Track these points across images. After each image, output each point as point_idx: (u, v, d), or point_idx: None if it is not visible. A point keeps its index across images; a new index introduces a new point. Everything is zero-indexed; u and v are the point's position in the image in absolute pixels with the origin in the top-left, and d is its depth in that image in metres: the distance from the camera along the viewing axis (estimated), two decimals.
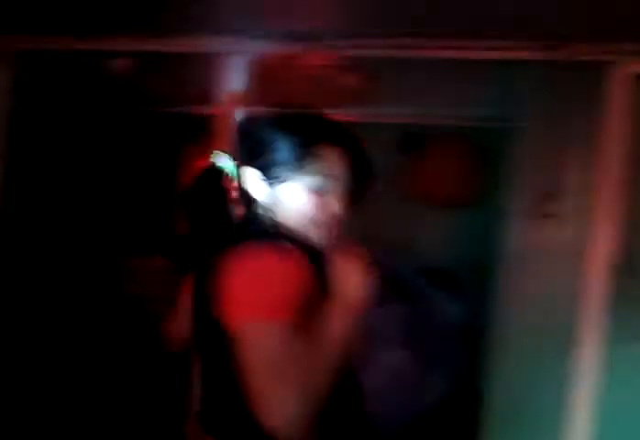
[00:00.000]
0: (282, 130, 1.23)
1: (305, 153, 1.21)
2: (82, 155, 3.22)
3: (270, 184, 1.23)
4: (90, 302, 3.15)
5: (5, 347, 2.64)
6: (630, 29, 2.16)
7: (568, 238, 2.41)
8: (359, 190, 1.28)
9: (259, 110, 3.44)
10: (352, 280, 1.18)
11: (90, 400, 2.96)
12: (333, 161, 1.22)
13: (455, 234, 4.16)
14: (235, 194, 1.29)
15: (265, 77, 2.76)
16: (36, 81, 2.80)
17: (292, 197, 1.22)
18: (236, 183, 1.28)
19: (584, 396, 2.40)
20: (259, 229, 1.23)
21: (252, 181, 1.24)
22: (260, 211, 1.25)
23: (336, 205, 1.24)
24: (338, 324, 1.15)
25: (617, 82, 2.34)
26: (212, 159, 1.32)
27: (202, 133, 2.69)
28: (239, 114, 2.67)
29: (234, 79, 2.61)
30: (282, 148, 1.21)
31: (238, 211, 1.30)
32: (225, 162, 1.30)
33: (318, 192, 1.21)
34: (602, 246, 2.38)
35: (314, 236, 1.23)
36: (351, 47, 2.53)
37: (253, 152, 1.24)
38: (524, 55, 2.38)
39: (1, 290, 2.61)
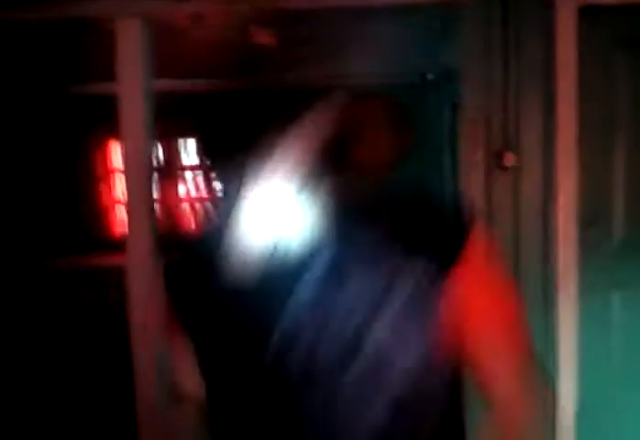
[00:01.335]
0: None
1: None
2: None
3: None
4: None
5: None
6: None
7: (529, 191, 2.25)
8: None
9: (170, 83, 3.12)
10: None
11: None
12: None
13: None
14: None
15: (165, 45, 2.41)
16: None
17: None
18: None
19: (567, 347, 2.29)
20: None
21: None
22: None
23: None
24: None
25: (563, 17, 2.16)
26: None
27: (110, 113, 2.31)
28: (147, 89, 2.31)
29: (135, 49, 2.23)
30: None
31: None
32: None
33: None
34: (565, 197, 2.23)
35: None
36: None
37: None
38: None
39: None
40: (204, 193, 4.61)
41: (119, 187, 4.32)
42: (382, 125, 1.30)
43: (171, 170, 4.43)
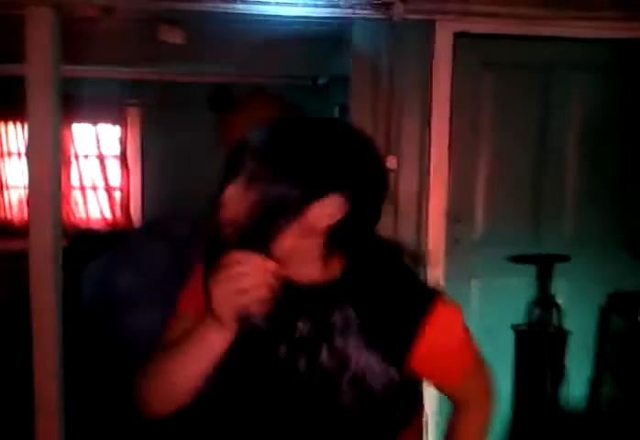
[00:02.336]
0: None
1: None
2: None
3: None
4: None
5: None
6: None
7: (406, 190, 2.56)
8: None
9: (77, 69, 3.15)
10: None
11: None
12: None
13: None
14: None
15: (79, 32, 2.48)
16: None
17: None
18: None
19: None
20: None
21: None
22: None
23: None
24: None
25: (440, 41, 2.49)
26: None
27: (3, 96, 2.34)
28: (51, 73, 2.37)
29: (45, 35, 2.29)
30: None
31: None
32: None
33: None
34: (436, 196, 2.57)
35: None
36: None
37: None
38: (350, 13, 2.41)
39: None
40: (97, 182, 4.61)
41: (14, 170, 4.25)
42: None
43: (65, 156, 4.39)
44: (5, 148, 4.31)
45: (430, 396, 1.34)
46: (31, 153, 2.39)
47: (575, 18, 2.47)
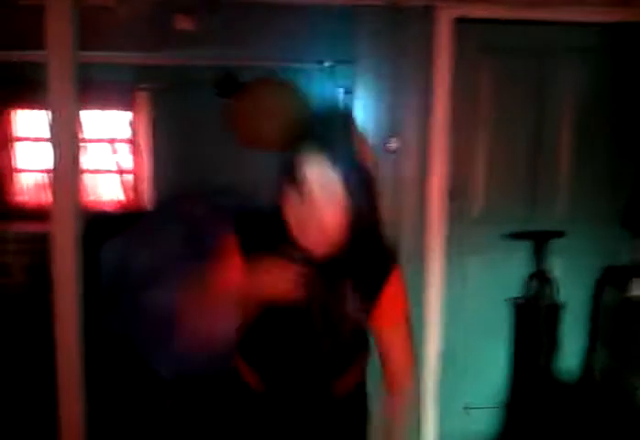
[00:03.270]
0: None
1: None
2: None
3: None
4: None
5: None
6: None
7: (409, 170, 2.67)
8: None
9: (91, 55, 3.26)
10: None
11: None
12: None
13: None
14: None
15: (91, 19, 2.58)
16: None
17: None
18: None
19: (433, 300, 2.76)
20: None
21: None
22: None
23: None
24: None
25: (441, 25, 2.59)
26: None
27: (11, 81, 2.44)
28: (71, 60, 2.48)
29: (65, 24, 2.40)
30: None
31: None
32: None
33: None
34: (437, 175, 2.68)
35: None
36: None
37: None
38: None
39: None
40: (109, 166, 4.72)
41: (21, 156, 4.37)
42: (280, 105, 1.61)
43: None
44: (17, 134, 4.43)
45: None
46: (53, 138, 2.50)
47: (567, 3, 2.57)
